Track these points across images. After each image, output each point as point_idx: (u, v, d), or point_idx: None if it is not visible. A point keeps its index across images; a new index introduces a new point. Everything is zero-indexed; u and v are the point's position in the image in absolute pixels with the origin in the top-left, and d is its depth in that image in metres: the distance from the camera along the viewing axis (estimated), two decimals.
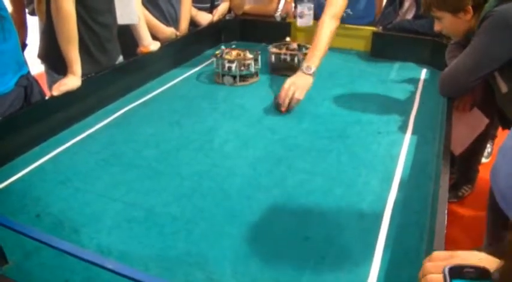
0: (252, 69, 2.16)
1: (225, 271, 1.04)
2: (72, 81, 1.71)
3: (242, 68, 2.14)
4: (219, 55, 2.15)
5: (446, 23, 1.74)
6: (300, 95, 1.87)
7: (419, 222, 1.21)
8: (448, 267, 0.69)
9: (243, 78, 2.18)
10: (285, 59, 2.25)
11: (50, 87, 1.92)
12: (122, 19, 1.99)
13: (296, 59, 2.23)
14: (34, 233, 0.94)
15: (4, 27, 1.58)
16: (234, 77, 2.14)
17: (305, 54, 2.14)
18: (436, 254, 0.79)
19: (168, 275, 1.02)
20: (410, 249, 1.12)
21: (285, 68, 2.24)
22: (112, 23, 1.98)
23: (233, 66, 2.11)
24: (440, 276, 0.71)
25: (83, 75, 1.77)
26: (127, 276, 0.79)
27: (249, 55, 2.17)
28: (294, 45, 2.29)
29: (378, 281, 1.02)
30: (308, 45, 2.23)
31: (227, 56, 2.14)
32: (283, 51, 2.26)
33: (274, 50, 2.28)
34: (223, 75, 2.15)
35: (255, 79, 2.21)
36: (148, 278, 0.76)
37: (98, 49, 1.95)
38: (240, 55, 2.17)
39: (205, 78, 2.27)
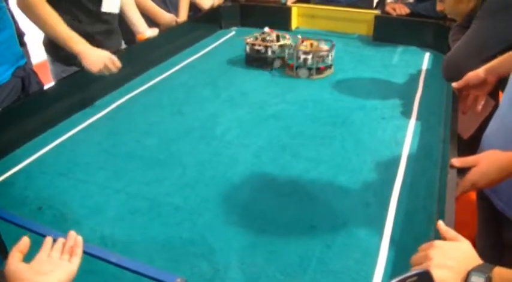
0: (328, 61, 2.05)
1: (230, 262, 1.03)
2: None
3: (317, 59, 2.01)
4: (293, 45, 2.07)
5: (448, 2, 1.73)
6: None
7: (427, 208, 1.20)
8: None
9: (319, 70, 2.05)
10: (258, 51, 2.13)
11: (57, 77, 1.91)
12: (106, 7, 1.94)
13: (270, 51, 2.12)
14: (35, 226, 0.92)
15: None
16: (310, 69, 2.02)
17: (281, 45, 2.12)
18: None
19: (173, 267, 1.01)
20: (419, 235, 1.10)
21: (256, 60, 2.15)
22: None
23: (309, 58, 1.98)
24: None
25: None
26: (131, 269, 0.77)
27: (325, 46, 2.06)
28: (273, 36, 2.17)
29: (386, 270, 1.01)
30: (287, 36, 2.18)
31: (302, 47, 2.02)
32: (258, 42, 2.14)
33: (250, 40, 2.17)
34: (297, 67, 2.03)
35: (329, 71, 2.08)
36: (154, 272, 0.75)
37: (104, 37, 1.92)
38: (313, 46, 2.04)
39: (206, 66, 2.23)
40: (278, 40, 2.15)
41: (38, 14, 1.61)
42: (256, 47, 2.12)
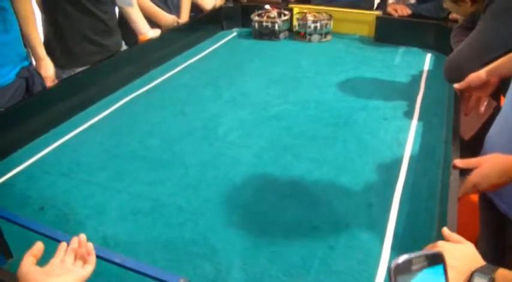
0: (330, 27, 2.54)
1: (233, 262, 1.03)
2: None
3: (323, 26, 2.52)
4: (299, 17, 2.56)
5: (449, 6, 1.78)
6: None
7: (429, 209, 1.20)
8: (393, 263, 0.57)
9: (325, 35, 2.56)
10: (266, 26, 2.56)
11: (57, 78, 1.91)
12: (120, 1, 1.95)
13: (276, 26, 2.55)
14: (38, 227, 0.92)
15: (5, 18, 1.54)
16: (321, 34, 2.52)
17: (284, 20, 2.57)
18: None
19: (175, 267, 1.01)
20: (421, 236, 1.10)
21: (266, 34, 2.59)
22: (113, 11, 1.95)
23: (318, 25, 2.50)
24: None
25: (88, 64, 1.75)
26: (135, 270, 0.77)
27: (325, 16, 2.54)
28: (274, 13, 2.59)
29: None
30: (286, 12, 2.60)
31: (310, 18, 2.52)
32: (265, 19, 2.57)
33: (257, 18, 2.59)
34: (309, 34, 2.53)
35: (330, 37, 2.59)
36: (157, 272, 0.75)
37: (103, 37, 1.93)
38: (316, 17, 2.53)
39: (207, 66, 2.24)
40: (280, 16, 2.58)
41: (20, 10, 1.61)
42: (265, 23, 2.56)
